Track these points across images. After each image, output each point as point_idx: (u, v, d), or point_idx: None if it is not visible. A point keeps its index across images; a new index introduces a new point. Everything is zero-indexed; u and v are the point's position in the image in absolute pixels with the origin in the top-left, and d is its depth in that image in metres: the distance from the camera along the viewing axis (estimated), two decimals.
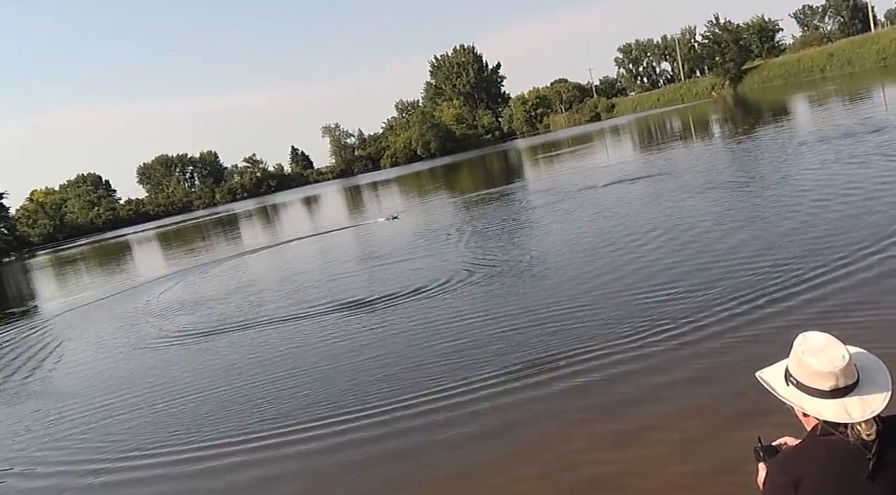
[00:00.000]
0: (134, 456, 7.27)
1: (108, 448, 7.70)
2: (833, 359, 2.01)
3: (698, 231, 12.21)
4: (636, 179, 22.00)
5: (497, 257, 14.25)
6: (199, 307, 16.04)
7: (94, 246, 69.75)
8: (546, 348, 7.57)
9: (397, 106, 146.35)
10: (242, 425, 7.39)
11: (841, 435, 1.99)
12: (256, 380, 9.06)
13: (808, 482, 1.98)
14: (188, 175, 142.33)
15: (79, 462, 7.49)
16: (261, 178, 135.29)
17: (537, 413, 6.00)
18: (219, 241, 38.94)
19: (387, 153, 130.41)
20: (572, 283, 10.60)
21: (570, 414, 5.86)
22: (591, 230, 14.88)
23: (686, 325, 7.40)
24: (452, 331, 9.27)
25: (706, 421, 5.26)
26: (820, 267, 8.33)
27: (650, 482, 4.64)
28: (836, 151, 17.53)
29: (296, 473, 6.00)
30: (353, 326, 10.95)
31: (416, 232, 21.03)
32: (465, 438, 5.83)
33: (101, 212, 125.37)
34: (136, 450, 7.41)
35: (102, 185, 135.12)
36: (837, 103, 35.11)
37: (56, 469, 7.48)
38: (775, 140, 24.24)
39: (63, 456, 7.82)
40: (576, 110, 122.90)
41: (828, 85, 53.56)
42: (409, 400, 6.88)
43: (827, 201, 12.11)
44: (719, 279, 8.86)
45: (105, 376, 11.39)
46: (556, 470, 5.02)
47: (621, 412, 5.74)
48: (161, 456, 7.11)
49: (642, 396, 5.94)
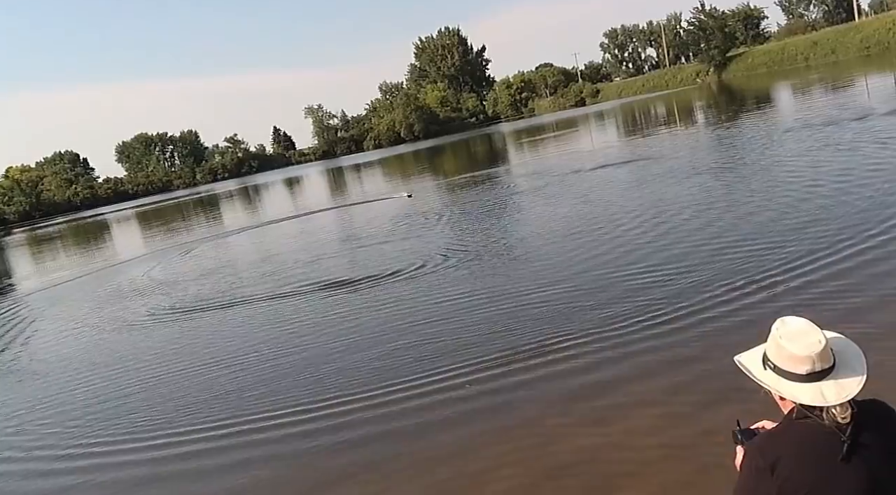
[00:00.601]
0: (102, 440, 7.13)
1: (71, 434, 7.55)
2: (810, 344, 2.03)
3: (683, 216, 12.22)
4: (621, 164, 22.10)
5: (478, 240, 14.22)
6: (175, 287, 15.85)
7: (72, 224, 68.87)
8: (526, 331, 7.52)
9: (381, 88, 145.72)
10: (214, 411, 7.26)
11: (817, 418, 2.02)
12: (227, 361, 9.01)
13: (784, 464, 2.01)
14: (168, 154, 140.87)
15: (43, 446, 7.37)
16: (242, 159, 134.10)
17: (517, 395, 5.97)
18: (200, 222, 38.55)
19: (370, 135, 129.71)
20: (554, 267, 10.59)
21: (550, 395, 5.87)
22: (575, 214, 14.88)
23: (668, 309, 7.39)
24: (431, 314, 9.23)
25: (686, 400, 5.30)
26: (805, 252, 8.33)
27: (628, 455, 4.70)
28: (820, 138, 17.66)
29: (270, 457, 5.92)
30: (327, 309, 10.93)
31: (398, 215, 20.86)
32: (444, 421, 5.80)
33: (79, 190, 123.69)
34: (103, 434, 7.28)
35: (80, 163, 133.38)
36: (821, 91, 35.30)
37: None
38: (760, 127, 24.35)
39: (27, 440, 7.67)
40: (561, 95, 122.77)
41: (811, 73, 53.87)
42: (382, 388, 6.78)
43: (812, 187, 12.15)
44: (703, 263, 8.89)
45: (77, 356, 11.20)
46: (534, 446, 5.06)
47: (601, 392, 5.76)
48: (129, 441, 6.99)
49: (624, 376, 5.97)
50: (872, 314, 6.16)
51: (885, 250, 7.90)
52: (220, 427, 6.72)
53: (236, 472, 5.71)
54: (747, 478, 2.10)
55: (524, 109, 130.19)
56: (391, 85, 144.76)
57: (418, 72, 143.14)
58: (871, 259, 7.72)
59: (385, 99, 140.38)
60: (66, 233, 56.36)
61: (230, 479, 5.61)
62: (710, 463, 4.22)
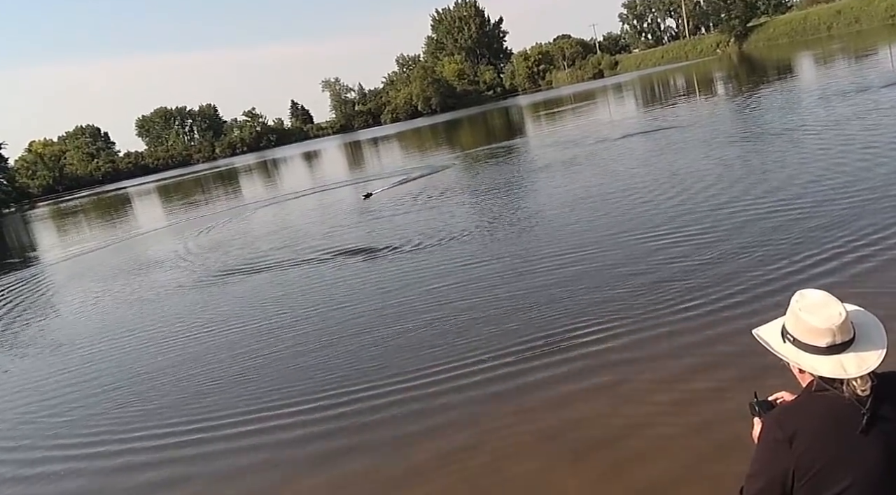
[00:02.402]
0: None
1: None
2: (830, 316, 2.04)
3: (709, 189, 11.97)
4: (644, 133, 22.09)
5: (498, 214, 14.35)
6: (219, 250, 16.21)
7: (94, 198, 69.61)
8: (546, 314, 7.32)
9: (398, 61, 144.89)
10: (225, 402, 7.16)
11: (836, 390, 2.02)
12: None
13: (802, 436, 2.00)
14: (187, 128, 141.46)
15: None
16: (260, 133, 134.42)
17: (536, 377, 5.89)
18: (220, 195, 38.92)
19: (387, 108, 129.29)
20: (576, 242, 10.50)
21: (570, 375, 5.78)
22: (594, 189, 14.86)
23: (687, 284, 7.34)
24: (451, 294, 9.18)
25: (705, 376, 5.28)
26: (836, 226, 8.14)
27: (647, 432, 4.70)
28: (848, 107, 17.39)
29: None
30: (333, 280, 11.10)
31: (415, 190, 21.08)
32: (467, 401, 5.70)
33: (101, 164, 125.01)
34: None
35: (101, 137, 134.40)
36: (844, 61, 34.73)
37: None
38: (785, 96, 24.15)
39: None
40: (578, 67, 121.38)
41: (834, 43, 52.84)
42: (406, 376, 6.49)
43: (843, 157, 11.88)
44: (728, 237, 8.74)
45: (105, 324, 11.62)
46: (554, 426, 5.03)
47: (621, 370, 5.71)
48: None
49: (643, 354, 5.92)
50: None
51: None
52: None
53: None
54: (765, 450, 2.09)
55: (542, 82, 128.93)
56: (408, 58, 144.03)
57: (435, 44, 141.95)
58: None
59: (402, 72, 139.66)
60: (88, 206, 57.03)
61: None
62: (728, 440, 4.24)
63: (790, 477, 2.02)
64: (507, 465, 4.65)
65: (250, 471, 5.36)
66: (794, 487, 2.02)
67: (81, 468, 6.06)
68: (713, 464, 4.15)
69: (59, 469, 6.14)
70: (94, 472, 5.94)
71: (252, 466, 5.42)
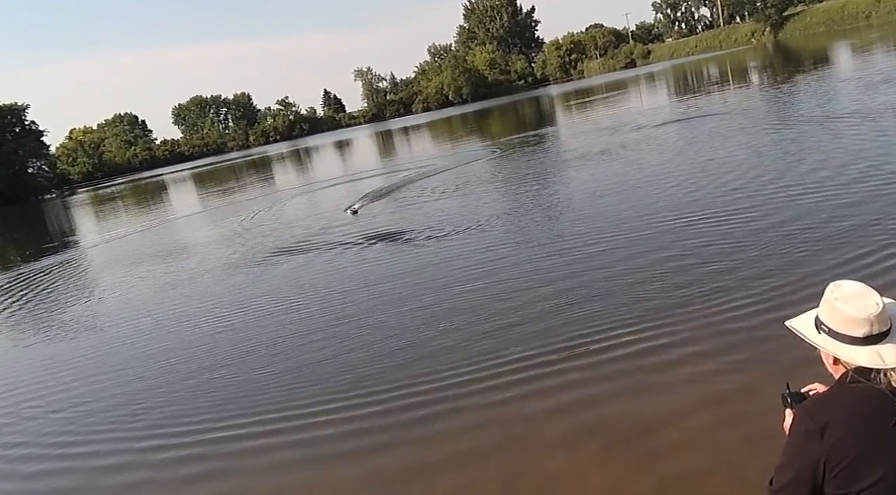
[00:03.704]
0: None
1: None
2: (867, 306, 2.02)
3: (747, 180, 11.81)
4: (679, 122, 21.95)
5: (533, 204, 14.42)
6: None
7: (132, 185, 70.70)
8: (576, 311, 7.21)
9: (430, 50, 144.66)
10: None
11: (871, 382, 2.00)
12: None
13: (834, 428, 1.98)
14: (222, 117, 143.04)
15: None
16: (293, 121, 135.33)
17: (567, 366, 5.91)
18: (253, 183, 39.32)
19: (418, 98, 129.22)
20: (611, 231, 10.45)
21: (601, 368, 5.79)
22: (628, 180, 14.82)
23: (716, 275, 7.32)
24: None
25: (735, 368, 5.26)
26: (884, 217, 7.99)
27: (675, 425, 4.71)
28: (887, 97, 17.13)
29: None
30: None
31: (448, 178, 21.25)
32: (497, 399, 5.67)
33: (138, 151, 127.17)
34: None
35: (139, 125, 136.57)
36: (884, 51, 33.82)
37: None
38: (823, 85, 23.67)
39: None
40: (611, 56, 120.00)
41: (873, 32, 51.58)
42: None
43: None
44: (768, 229, 8.59)
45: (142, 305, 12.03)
46: (583, 421, 5.04)
47: (648, 362, 5.70)
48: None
49: (670, 344, 5.93)
50: None
51: None
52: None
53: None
54: (796, 441, 2.07)
55: (573, 71, 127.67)
56: (440, 47, 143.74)
57: (467, 33, 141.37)
58: None
59: (434, 61, 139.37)
60: (126, 192, 57.88)
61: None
62: (757, 433, 4.22)
63: (821, 468, 2.00)
64: (535, 459, 4.66)
65: (290, 465, 5.38)
66: (824, 479, 2.01)
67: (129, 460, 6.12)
68: (742, 457, 4.12)
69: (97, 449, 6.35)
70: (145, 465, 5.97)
71: (285, 462, 5.43)
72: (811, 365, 2.38)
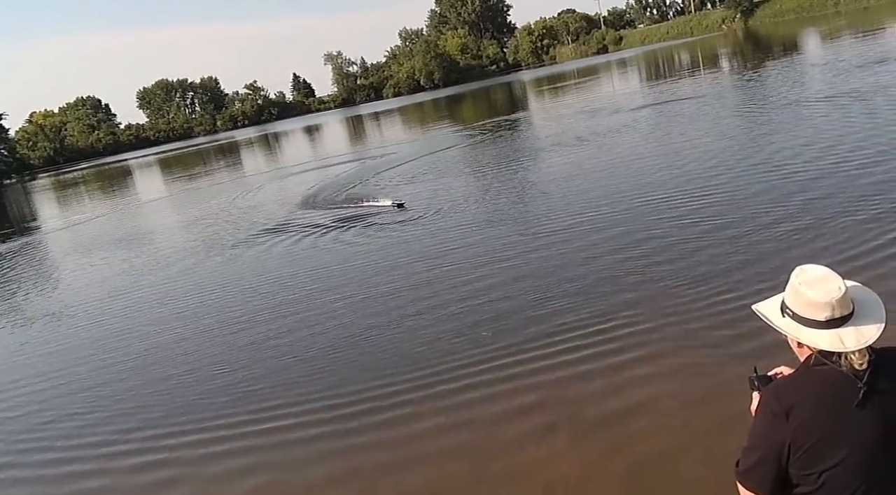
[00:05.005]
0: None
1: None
2: (829, 291, 2.04)
3: (712, 164, 11.94)
4: (649, 107, 21.99)
5: (499, 190, 14.30)
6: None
7: (96, 170, 69.34)
8: (541, 301, 7.13)
9: (401, 34, 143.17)
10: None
11: (834, 364, 2.02)
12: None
13: (798, 410, 2.01)
14: (188, 101, 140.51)
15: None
16: (262, 106, 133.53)
17: (530, 368, 5.76)
18: (221, 168, 38.75)
19: (389, 83, 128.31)
20: (576, 214, 10.53)
21: (570, 358, 5.74)
22: (592, 168, 14.81)
23: (681, 262, 7.40)
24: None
25: (705, 352, 5.30)
26: (848, 203, 8.05)
27: (647, 410, 4.73)
28: (859, 83, 17.34)
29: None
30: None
31: (418, 161, 20.98)
32: (465, 401, 5.50)
33: (102, 136, 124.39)
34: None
35: (102, 109, 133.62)
36: (852, 38, 34.32)
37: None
38: (794, 71, 23.99)
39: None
40: (583, 42, 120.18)
41: (840, 20, 52.25)
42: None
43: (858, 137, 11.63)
44: (733, 216, 8.67)
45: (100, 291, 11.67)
46: (555, 412, 5.00)
47: (619, 347, 5.72)
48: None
49: (640, 331, 5.95)
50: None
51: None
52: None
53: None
54: (762, 423, 2.11)
55: (545, 57, 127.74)
56: (411, 31, 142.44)
57: (438, 18, 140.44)
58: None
59: (405, 46, 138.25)
60: (89, 178, 56.85)
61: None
62: (728, 414, 4.27)
63: (786, 449, 2.02)
64: (506, 451, 4.63)
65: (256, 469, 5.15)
66: (789, 460, 2.03)
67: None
68: (713, 439, 4.17)
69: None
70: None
71: (255, 465, 5.21)
72: (779, 348, 2.39)
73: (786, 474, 2.06)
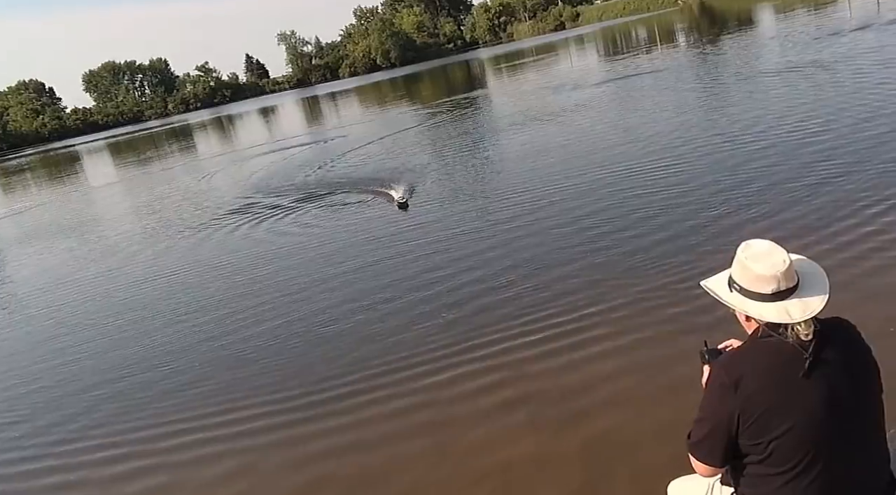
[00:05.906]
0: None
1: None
2: (775, 264, 2.08)
3: (661, 141, 12.04)
4: (608, 82, 21.96)
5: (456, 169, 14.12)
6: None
7: (41, 156, 67.31)
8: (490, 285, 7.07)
9: (356, 13, 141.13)
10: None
11: (781, 336, 2.07)
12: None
13: (747, 381, 2.05)
14: (138, 84, 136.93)
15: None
16: (215, 88, 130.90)
17: (482, 352, 5.71)
18: (174, 152, 37.85)
19: (345, 62, 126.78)
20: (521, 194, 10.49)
21: (526, 336, 5.74)
22: (545, 144, 14.72)
23: (628, 235, 7.48)
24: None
25: (655, 325, 5.38)
26: (803, 178, 8.10)
27: (601, 386, 4.78)
28: (813, 52, 17.67)
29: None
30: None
31: (377, 143, 20.67)
32: (422, 386, 5.45)
33: (47, 120, 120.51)
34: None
35: (46, 93, 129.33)
36: (804, 11, 34.84)
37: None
38: (747, 43, 24.24)
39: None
40: (540, 19, 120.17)
41: None
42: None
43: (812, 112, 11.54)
44: (685, 188, 8.82)
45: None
46: (509, 393, 4.99)
47: (568, 321, 5.78)
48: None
49: (588, 303, 6.02)
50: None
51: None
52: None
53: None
54: (712, 395, 2.15)
55: (503, 34, 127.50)
56: (366, 9, 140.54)
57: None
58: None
59: (360, 24, 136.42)
60: (35, 164, 55.19)
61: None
62: (679, 388, 4.33)
63: (735, 420, 2.07)
64: (464, 432, 4.65)
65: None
66: (739, 430, 2.08)
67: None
68: (666, 412, 4.23)
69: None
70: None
71: (220, 454, 5.17)
72: (728, 323, 2.43)
73: (735, 444, 2.12)
